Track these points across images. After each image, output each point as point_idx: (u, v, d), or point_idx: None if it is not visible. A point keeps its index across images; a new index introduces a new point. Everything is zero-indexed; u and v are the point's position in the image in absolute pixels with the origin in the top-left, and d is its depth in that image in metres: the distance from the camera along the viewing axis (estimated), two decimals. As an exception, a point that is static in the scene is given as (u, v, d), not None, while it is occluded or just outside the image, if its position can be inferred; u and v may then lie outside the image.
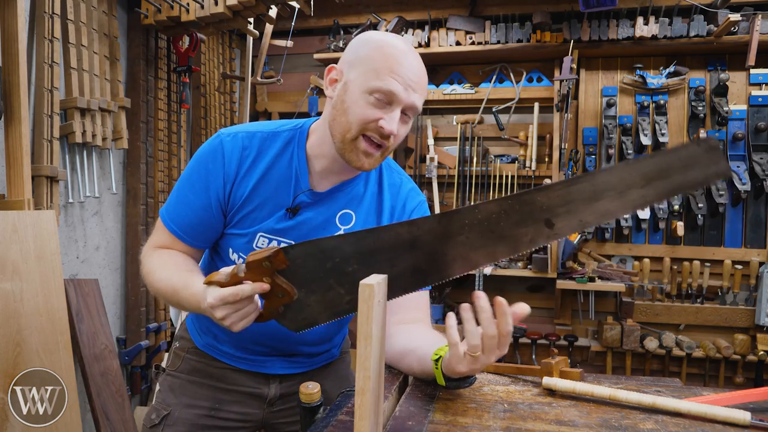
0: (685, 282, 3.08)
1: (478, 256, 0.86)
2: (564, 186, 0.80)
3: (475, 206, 0.84)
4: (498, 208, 0.82)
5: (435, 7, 3.37)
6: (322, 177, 1.15)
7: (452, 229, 0.85)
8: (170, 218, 1.15)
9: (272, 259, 0.89)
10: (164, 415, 1.24)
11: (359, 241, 0.87)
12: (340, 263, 0.89)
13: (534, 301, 3.39)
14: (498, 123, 3.33)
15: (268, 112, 3.78)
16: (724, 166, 0.77)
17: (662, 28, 2.97)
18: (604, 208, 0.80)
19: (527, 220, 0.82)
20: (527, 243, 0.84)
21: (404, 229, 0.86)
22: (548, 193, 0.81)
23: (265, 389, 1.28)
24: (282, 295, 0.92)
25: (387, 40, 1.06)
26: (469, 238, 0.84)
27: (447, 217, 0.85)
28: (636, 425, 0.84)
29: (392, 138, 1.04)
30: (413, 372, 1.06)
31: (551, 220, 0.81)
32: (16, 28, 1.94)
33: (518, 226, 0.82)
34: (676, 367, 3.09)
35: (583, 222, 0.81)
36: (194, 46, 2.89)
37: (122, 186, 2.73)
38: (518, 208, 0.82)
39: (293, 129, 1.16)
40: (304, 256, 0.89)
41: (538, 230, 0.82)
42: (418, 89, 1.04)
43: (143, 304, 2.76)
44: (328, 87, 1.11)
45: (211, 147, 1.13)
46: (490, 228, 0.83)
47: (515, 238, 0.83)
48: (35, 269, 1.89)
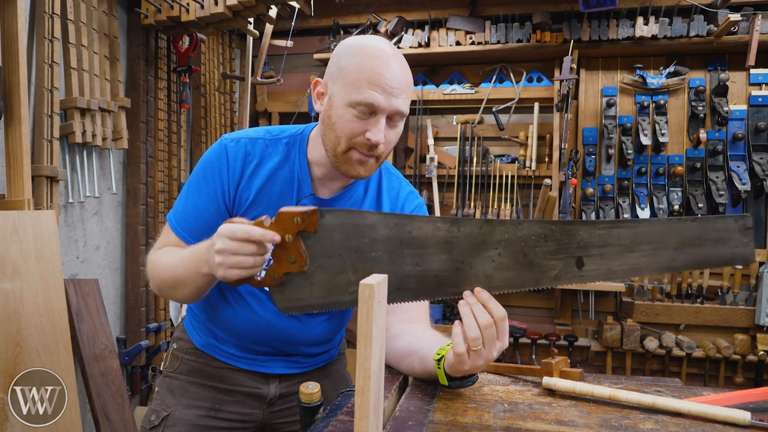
0: (685, 282, 3.08)
1: (499, 279, 0.85)
2: (607, 226, 0.80)
3: (519, 221, 0.84)
4: (540, 231, 0.82)
5: (435, 7, 3.37)
6: (323, 183, 1.16)
7: (490, 240, 0.84)
8: (178, 224, 1.15)
9: (305, 217, 0.86)
10: (164, 416, 1.24)
11: (397, 226, 0.85)
12: (367, 245, 0.86)
13: (534, 301, 3.39)
14: (498, 123, 3.33)
15: (268, 112, 3.78)
16: (750, 253, 0.79)
17: (662, 28, 2.97)
18: (634, 262, 0.80)
19: (561, 252, 0.82)
20: (551, 279, 0.84)
21: (445, 226, 0.85)
22: (591, 229, 0.81)
23: (264, 389, 1.28)
24: (293, 260, 0.88)
25: (364, 48, 1.04)
26: (501, 255, 0.84)
27: (490, 225, 0.84)
28: (636, 425, 0.84)
29: (382, 146, 1.04)
30: (414, 373, 1.06)
31: (583, 259, 0.81)
32: (16, 28, 1.94)
33: (551, 257, 0.82)
34: (676, 367, 3.09)
35: (610, 272, 0.81)
36: (194, 46, 2.89)
37: (122, 186, 2.73)
38: (558, 236, 0.81)
39: (294, 135, 1.17)
40: (336, 226, 0.86)
41: (567, 267, 0.82)
42: (400, 94, 1.02)
43: (143, 304, 2.76)
44: (317, 101, 1.12)
45: (215, 152, 1.14)
46: (524, 251, 0.83)
47: (543, 269, 0.83)
48: (35, 269, 1.89)
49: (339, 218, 0.86)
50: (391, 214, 0.87)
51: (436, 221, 0.85)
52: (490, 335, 0.85)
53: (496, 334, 0.86)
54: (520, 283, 0.85)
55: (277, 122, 3.75)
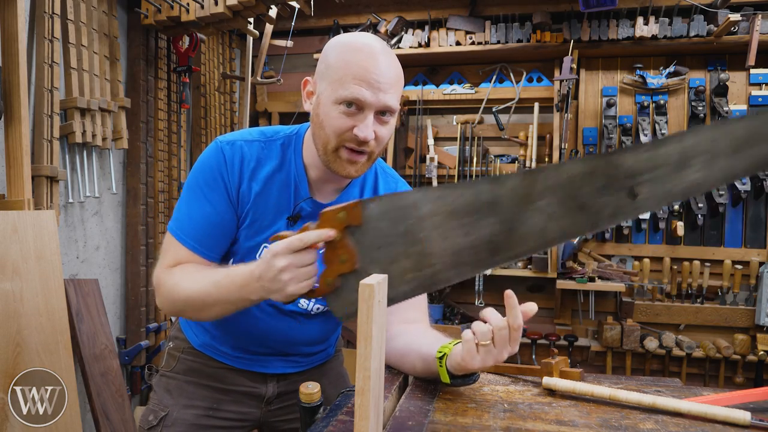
0: (685, 282, 3.08)
1: (554, 230, 0.80)
2: (651, 147, 0.73)
3: (559, 165, 0.79)
4: (583, 169, 0.76)
5: (435, 7, 3.37)
6: (318, 185, 1.15)
7: (534, 191, 0.79)
8: (183, 232, 1.11)
9: (348, 210, 0.85)
10: (162, 417, 1.24)
11: (439, 198, 0.83)
12: (414, 225, 0.84)
13: (534, 301, 3.36)
14: (498, 123, 3.33)
15: (268, 112, 3.78)
16: None
17: (662, 28, 2.97)
18: (690, 178, 0.73)
19: (610, 187, 0.76)
20: (608, 217, 0.77)
21: (486, 187, 0.82)
22: (635, 155, 0.74)
23: (262, 388, 1.28)
24: (344, 260, 0.87)
25: (349, 44, 1.03)
26: (550, 204, 0.79)
27: (531, 175, 0.79)
28: (636, 425, 0.84)
29: (372, 142, 1.03)
30: (416, 371, 1.06)
31: (634, 189, 0.75)
32: (16, 28, 1.94)
33: (600, 194, 0.76)
34: (676, 367, 3.09)
35: (668, 194, 0.75)
36: (194, 46, 2.89)
37: (122, 186, 2.73)
38: (603, 169, 0.76)
39: (289, 136, 1.16)
40: (380, 214, 0.84)
41: (621, 201, 0.76)
42: (388, 89, 1.00)
43: (143, 304, 2.76)
44: (306, 100, 1.10)
45: (212, 155, 1.11)
46: (572, 193, 0.78)
47: (596, 209, 0.77)
48: (35, 269, 1.89)
49: (382, 205, 0.85)
50: (432, 187, 0.84)
51: (478, 184, 0.82)
52: (502, 337, 0.86)
53: (507, 338, 0.86)
54: (575, 230, 0.80)
55: (277, 122, 3.75)
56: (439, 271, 0.86)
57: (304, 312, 1.20)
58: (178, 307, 1.09)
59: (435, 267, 0.86)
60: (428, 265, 0.86)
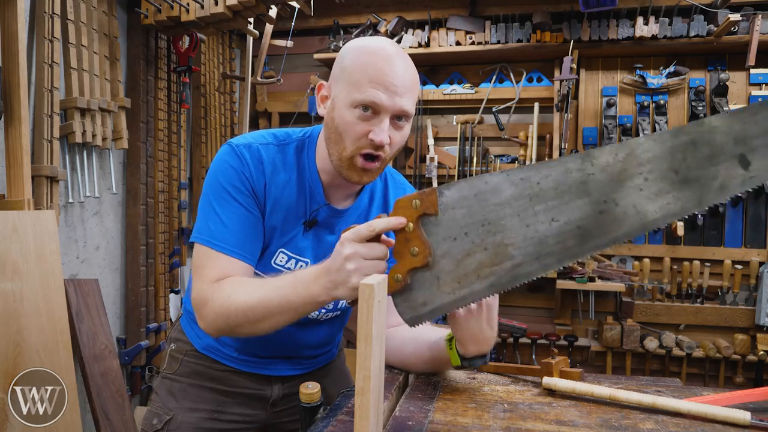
0: (685, 282, 3.08)
1: (654, 210, 0.71)
2: (759, 108, 0.66)
3: (658, 134, 0.71)
4: (685, 138, 0.69)
5: (435, 7, 3.37)
6: (331, 190, 1.13)
7: (630, 167, 0.71)
8: (222, 241, 1.03)
9: (423, 198, 0.80)
10: (167, 420, 1.23)
11: (523, 180, 0.76)
12: (493, 212, 0.78)
13: (534, 301, 3.39)
14: (498, 123, 3.33)
15: (268, 112, 3.78)
16: None
17: (662, 28, 2.97)
18: None
19: (718, 156, 0.67)
20: (717, 191, 0.69)
21: (576, 165, 0.74)
22: (743, 118, 0.66)
23: (267, 390, 1.28)
24: (415, 253, 0.81)
25: (366, 47, 1.02)
26: (648, 180, 0.70)
27: (627, 146, 0.72)
28: (636, 425, 0.84)
29: (387, 147, 1.00)
30: (423, 360, 1.06)
31: (746, 156, 0.67)
32: (16, 28, 1.94)
33: (707, 164, 0.68)
34: (676, 367, 3.09)
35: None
36: (194, 46, 2.89)
37: (122, 186, 2.73)
38: (708, 137, 0.68)
39: (302, 140, 1.14)
40: (457, 201, 0.79)
41: (731, 171, 0.67)
42: (404, 93, 0.99)
43: (143, 304, 2.76)
44: (320, 105, 1.08)
45: (231, 157, 1.07)
46: (674, 166, 0.69)
47: (702, 182, 0.68)
48: (35, 269, 1.89)
49: (459, 191, 0.79)
50: (516, 168, 0.78)
51: (566, 162, 0.75)
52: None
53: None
54: (680, 208, 0.71)
55: (277, 122, 3.75)
56: (520, 264, 0.79)
57: (314, 320, 1.20)
58: (233, 322, 0.99)
59: (515, 259, 0.79)
60: (507, 257, 0.79)
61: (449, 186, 0.81)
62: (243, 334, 1.03)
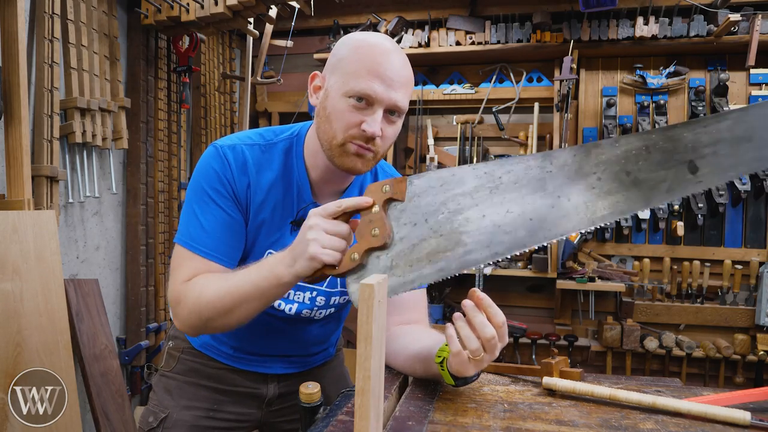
0: (685, 282, 3.08)
1: (603, 207, 0.77)
2: (713, 121, 0.71)
3: (617, 138, 0.76)
4: (640, 143, 0.74)
5: (435, 7, 3.37)
6: (320, 187, 1.13)
7: (586, 166, 0.77)
8: (197, 242, 1.05)
9: (393, 184, 0.84)
10: (162, 418, 1.23)
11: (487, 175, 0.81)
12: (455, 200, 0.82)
13: (534, 301, 3.39)
14: (498, 123, 3.33)
15: (268, 112, 3.78)
16: None
17: (662, 28, 2.97)
18: (755, 153, 0.70)
19: (669, 161, 0.73)
20: (663, 193, 0.74)
21: (536, 162, 0.80)
22: (695, 128, 0.71)
23: (263, 389, 1.28)
24: (376, 234, 0.84)
25: (365, 40, 1.02)
26: (601, 179, 0.76)
27: (585, 149, 0.77)
28: (636, 425, 0.84)
29: (378, 140, 1.00)
30: (416, 373, 1.05)
31: (695, 162, 0.72)
32: (16, 28, 1.94)
33: (657, 168, 0.73)
34: (676, 367, 3.09)
35: (731, 167, 0.71)
36: (194, 46, 2.89)
37: (122, 186, 2.73)
38: (662, 144, 0.73)
39: (290, 138, 1.13)
40: (424, 189, 0.83)
41: (679, 176, 0.73)
42: (399, 87, 0.99)
43: (143, 304, 2.76)
44: (313, 95, 1.07)
45: (214, 159, 1.07)
46: (626, 168, 0.75)
47: (651, 184, 0.74)
48: (35, 269, 1.89)
49: (428, 181, 0.84)
50: (482, 163, 0.84)
51: (528, 160, 0.80)
52: (492, 345, 0.85)
53: (497, 340, 0.85)
54: (627, 206, 0.76)
55: (277, 122, 3.75)
56: (471, 251, 0.83)
57: (307, 318, 1.20)
58: (205, 316, 1.00)
59: (467, 246, 0.83)
60: (460, 244, 0.83)
61: (420, 176, 0.85)
62: (217, 329, 1.04)
